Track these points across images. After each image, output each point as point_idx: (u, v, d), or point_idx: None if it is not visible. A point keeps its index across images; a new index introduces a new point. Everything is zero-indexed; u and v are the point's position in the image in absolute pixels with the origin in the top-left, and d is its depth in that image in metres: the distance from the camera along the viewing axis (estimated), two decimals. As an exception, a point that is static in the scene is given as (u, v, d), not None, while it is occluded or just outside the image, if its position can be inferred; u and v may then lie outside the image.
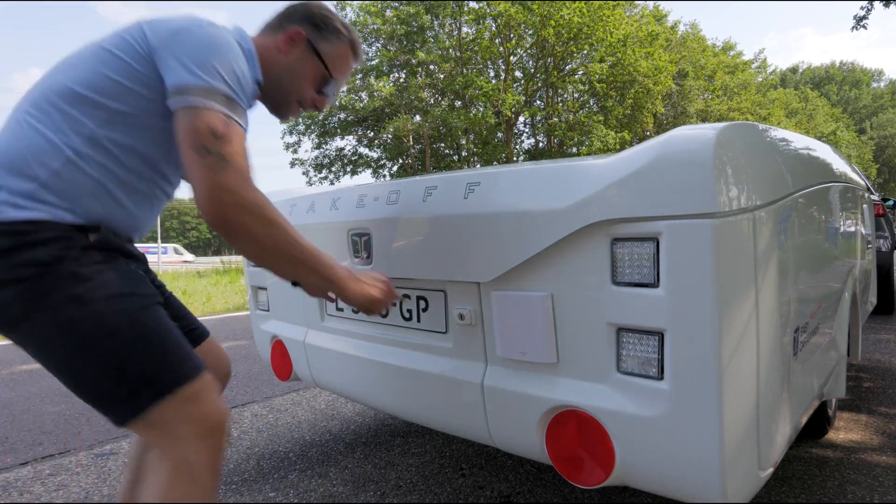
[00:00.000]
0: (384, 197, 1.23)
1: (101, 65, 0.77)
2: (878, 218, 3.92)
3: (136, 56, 0.78)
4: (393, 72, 16.69)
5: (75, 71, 0.78)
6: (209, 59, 0.76)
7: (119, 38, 0.79)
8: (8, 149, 0.74)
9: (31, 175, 0.73)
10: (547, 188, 0.94)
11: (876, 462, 1.64)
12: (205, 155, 0.71)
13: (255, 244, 0.76)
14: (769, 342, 0.89)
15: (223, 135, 0.73)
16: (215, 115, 0.74)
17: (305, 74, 0.97)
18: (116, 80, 0.77)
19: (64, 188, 0.74)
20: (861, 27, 8.21)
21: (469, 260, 1.04)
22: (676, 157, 0.80)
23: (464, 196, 1.06)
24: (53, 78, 0.80)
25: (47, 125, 0.75)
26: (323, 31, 0.97)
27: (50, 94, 0.77)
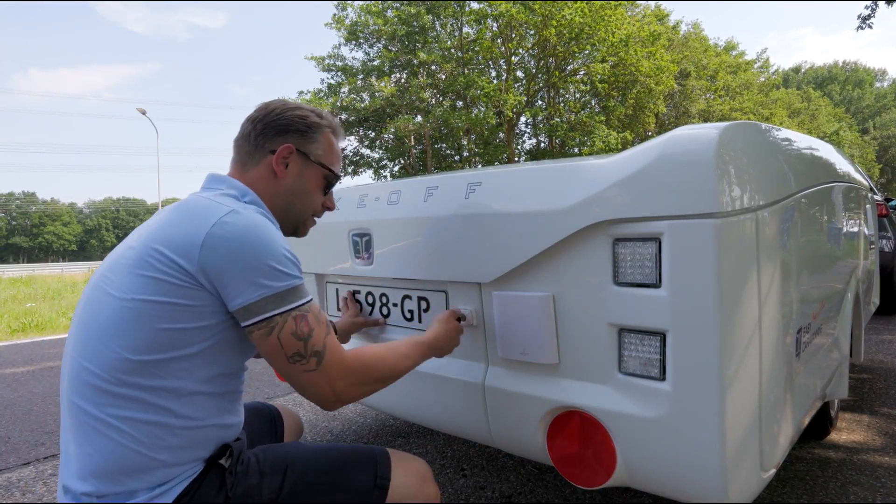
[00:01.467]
0: (385, 197, 1.23)
1: (158, 325, 0.68)
2: (881, 218, 3.91)
3: (189, 293, 0.69)
4: (394, 72, 16.69)
5: (126, 341, 0.68)
6: (268, 256, 0.72)
7: (152, 280, 0.69)
8: (118, 456, 0.66)
9: (158, 465, 0.68)
10: (548, 188, 0.94)
11: (878, 463, 1.63)
12: (299, 361, 0.72)
13: (372, 392, 0.81)
14: (772, 343, 0.88)
15: (306, 333, 0.72)
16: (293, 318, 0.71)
17: (310, 187, 0.90)
18: (185, 329, 0.69)
19: (186, 448, 0.70)
20: (866, 26, 8.19)
21: (470, 260, 1.03)
22: (678, 156, 0.79)
23: (465, 196, 1.05)
24: (94, 354, 0.69)
25: (144, 409, 0.68)
26: (307, 134, 0.88)
27: (111, 377, 0.67)
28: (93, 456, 0.67)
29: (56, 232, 60.44)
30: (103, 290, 0.72)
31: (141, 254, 0.70)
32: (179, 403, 0.69)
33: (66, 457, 0.71)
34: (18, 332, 5.13)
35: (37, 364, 3.53)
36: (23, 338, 4.80)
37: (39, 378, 3.11)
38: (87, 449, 0.68)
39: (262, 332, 0.71)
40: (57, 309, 6.71)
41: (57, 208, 62.79)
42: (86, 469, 0.67)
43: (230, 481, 0.71)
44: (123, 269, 0.71)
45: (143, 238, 0.73)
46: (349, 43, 16.20)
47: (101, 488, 0.67)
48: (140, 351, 0.68)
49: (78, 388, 0.69)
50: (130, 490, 0.67)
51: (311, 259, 1.43)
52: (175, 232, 0.71)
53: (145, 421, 0.68)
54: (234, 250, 0.70)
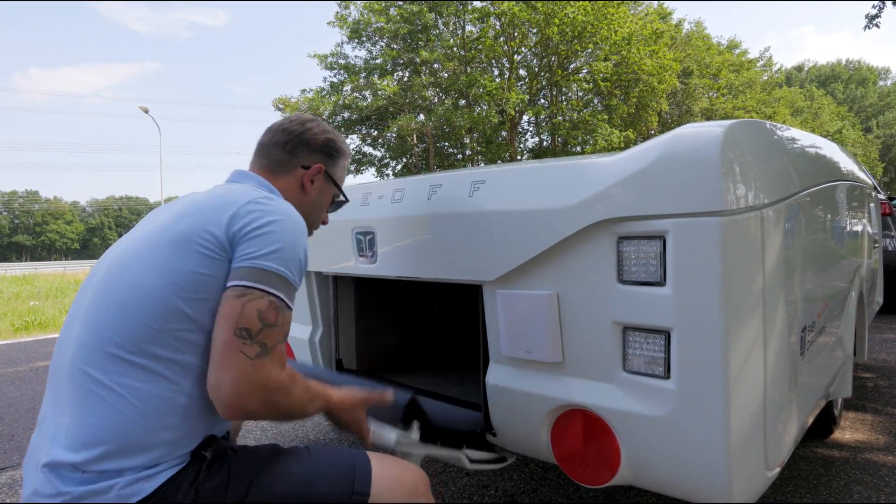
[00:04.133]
0: (388, 195, 1.23)
1: (185, 291, 0.69)
2: (885, 217, 3.90)
3: (213, 247, 0.72)
4: (396, 71, 16.68)
5: (159, 309, 0.69)
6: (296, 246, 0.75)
7: (191, 253, 0.71)
8: (120, 427, 0.66)
9: (156, 443, 0.68)
10: (552, 186, 0.94)
11: (882, 462, 1.63)
12: (246, 341, 0.68)
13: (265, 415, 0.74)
14: (776, 341, 0.88)
15: (269, 322, 0.70)
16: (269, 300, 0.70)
17: (324, 203, 0.98)
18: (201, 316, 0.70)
19: (184, 431, 0.70)
20: (874, 26, 8.15)
21: (474, 258, 1.03)
22: (683, 154, 0.79)
23: (469, 194, 1.05)
24: (111, 322, 0.69)
25: (154, 381, 0.68)
26: (334, 157, 0.97)
27: (130, 344, 0.68)
28: (93, 426, 0.66)
29: (59, 230, 60.64)
30: (127, 266, 0.73)
31: (181, 230, 0.72)
32: (188, 380, 0.70)
33: (55, 429, 0.69)
34: (22, 330, 5.15)
35: (40, 362, 3.54)
36: (26, 336, 4.82)
37: (43, 376, 3.13)
38: (88, 419, 0.67)
39: (234, 294, 0.69)
40: (60, 307, 6.73)
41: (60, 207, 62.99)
42: (80, 439, 0.66)
43: (202, 476, 0.70)
44: (154, 247, 0.72)
45: (175, 217, 0.75)
46: (352, 41, 16.20)
47: (91, 460, 0.65)
48: (164, 319, 0.69)
49: (89, 356, 0.69)
50: (119, 468, 0.66)
51: (315, 257, 1.43)
52: (212, 206, 0.75)
53: (154, 394, 0.68)
54: (263, 223, 0.73)
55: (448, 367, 1.72)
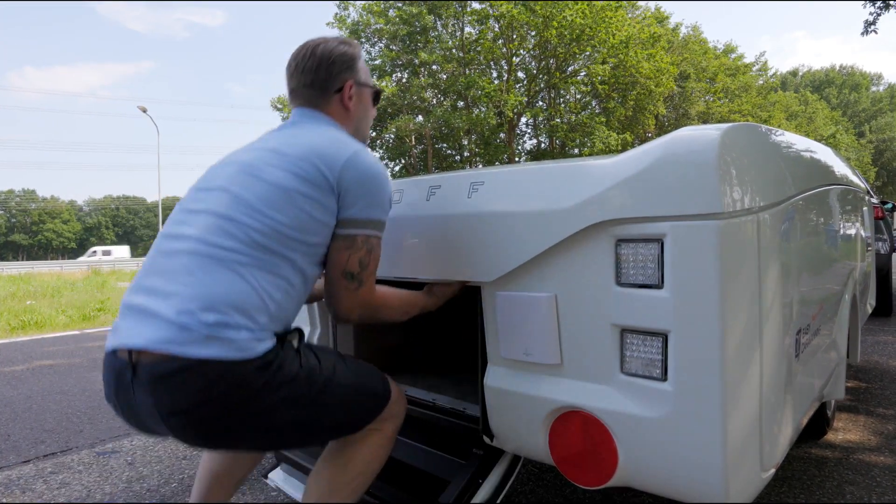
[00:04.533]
0: None
1: (301, 206, 0.86)
2: (877, 221, 3.93)
3: (326, 195, 0.89)
4: (395, 72, 16.69)
5: (277, 212, 0.85)
6: (385, 194, 0.95)
7: (301, 178, 0.87)
8: (235, 290, 0.80)
9: (264, 311, 0.82)
10: (551, 188, 0.95)
11: (874, 462, 1.65)
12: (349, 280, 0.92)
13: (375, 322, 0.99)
14: (772, 344, 0.89)
15: (365, 264, 0.92)
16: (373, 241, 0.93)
17: (368, 107, 1.11)
18: (316, 219, 0.88)
19: (283, 315, 0.87)
20: (872, 31, 8.22)
21: (472, 260, 1.04)
22: (681, 157, 0.80)
23: (467, 196, 1.06)
24: (250, 216, 0.84)
25: (266, 264, 0.84)
26: (353, 65, 1.06)
27: (255, 235, 0.83)
28: (222, 286, 0.79)
29: (56, 229, 60.21)
30: (254, 177, 0.88)
31: (297, 160, 0.89)
32: (294, 275, 0.87)
33: (170, 284, 0.80)
34: (18, 329, 5.12)
35: (36, 362, 3.53)
36: (22, 335, 4.79)
37: (39, 376, 3.11)
38: (217, 280, 0.80)
39: (343, 245, 0.91)
40: (56, 307, 6.69)
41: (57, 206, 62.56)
42: (206, 294, 0.78)
43: (301, 355, 0.88)
44: (279, 169, 0.88)
45: (292, 153, 0.90)
46: (350, 42, 16.17)
47: (212, 314, 0.77)
48: (285, 225, 0.85)
49: (224, 231, 0.83)
50: (237, 325, 0.78)
51: None
52: (324, 150, 0.91)
53: (269, 272, 0.84)
54: (364, 176, 0.92)
55: (446, 368, 1.72)
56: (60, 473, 1.73)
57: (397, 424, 1.02)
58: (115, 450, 1.93)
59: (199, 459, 1.83)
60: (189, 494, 1.57)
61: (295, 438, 0.90)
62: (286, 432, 0.86)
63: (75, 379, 3.02)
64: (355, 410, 0.93)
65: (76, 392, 2.73)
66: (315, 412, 0.87)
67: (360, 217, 0.91)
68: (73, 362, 3.49)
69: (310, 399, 0.86)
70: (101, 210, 65.93)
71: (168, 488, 1.61)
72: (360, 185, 0.91)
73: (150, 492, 1.59)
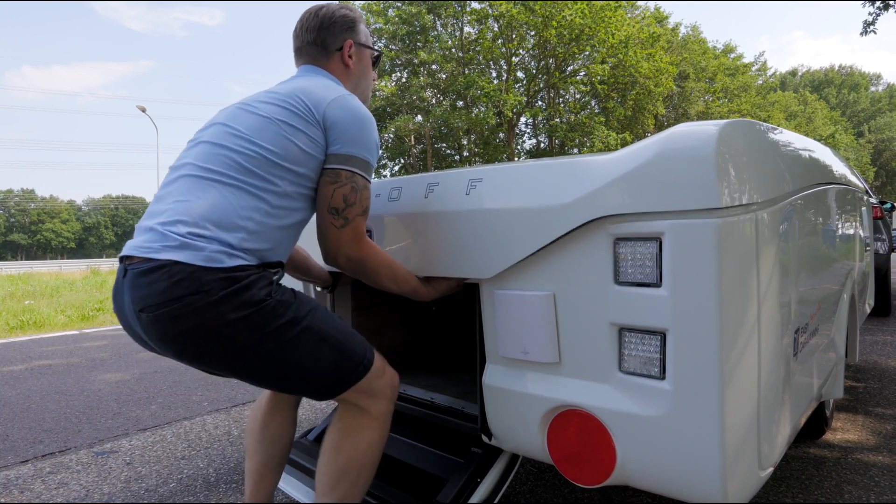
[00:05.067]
0: (385, 194, 1.23)
1: (287, 135, 0.92)
2: (876, 221, 3.94)
3: (311, 127, 0.94)
4: (395, 71, 16.68)
5: (264, 140, 0.91)
6: (370, 136, 0.99)
7: (288, 111, 0.94)
8: (215, 207, 0.87)
9: (240, 228, 0.87)
10: (549, 184, 0.94)
11: (872, 462, 1.65)
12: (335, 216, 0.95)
13: (359, 277, 1.01)
14: (770, 343, 0.89)
15: (352, 201, 0.95)
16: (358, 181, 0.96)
17: (367, 68, 1.17)
18: (302, 149, 0.93)
19: (260, 238, 0.89)
20: (871, 31, 8.24)
21: (471, 256, 1.04)
22: (678, 153, 0.80)
23: (466, 192, 1.06)
24: (238, 143, 0.91)
25: (248, 187, 0.89)
26: (355, 27, 1.13)
27: (241, 160, 0.90)
28: (204, 202, 0.86)
29: (55, 229, 60.15)
30: (247, 111, 0.95)
31: (285, 96, 0.96)
32: (277, 200, 0.92)
33: (163, 205, 0.89)
34: (17, 329, 5.12)
35: (35, 362, 3.52)
36: (21, 335, 4.78)
37: (37, 375, 3.11)
38: (200, 196, 0.87)
39: (329, 180, 0.95)
40: (55, 306, 6.69)
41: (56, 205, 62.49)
42: (189, 209, 0.86)
43: (275, 287, 0.90)
44: (268, 103, 0.95)
45: (282, 91, 0.97)
46: (349, 42, 16.17)
47: (196, 221, 0.85)
48: (271, 152, 0.91)
49: (214, 157, 0.91)
50: (209, 236, 0.84)
51: (313, 256, 1.44)
52: (311, 89, 0.98)
53: (250, 194, 0.89)
54: (350, 114, 0.97)
55: (445, 367, 1.73)
56: (59, 473, 1.73)
57: (386, 406, 0.99)
58: (113, 450, 1.93)
59: (197, 460, 1.83)
60: (188, 494, 1.56)
61: (258, 372, 0.88)
62: (247, 359, 0.86)
63: (74, 379, 3.02)
64: (325, 366, 0.91)
65: (75, 392, 2.72)
66: (278, 349, 0.87)
67: (343, 152, 0.95)
68: (71, 362, 3.49)
69: (274, 331, 0.86)
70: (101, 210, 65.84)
71: (166, 488, 1.61)
72: (345, 122, 0.95)
73: (148, 492, 1.59)
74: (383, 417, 0.99)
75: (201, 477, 1.68)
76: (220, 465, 1.78)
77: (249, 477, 1.13)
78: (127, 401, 2.54)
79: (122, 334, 4.68)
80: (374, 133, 1.00)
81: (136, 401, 2.54)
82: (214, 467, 1.76)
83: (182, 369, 3.20)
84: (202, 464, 1.79)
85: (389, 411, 1.01)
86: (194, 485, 1.63)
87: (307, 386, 0.93)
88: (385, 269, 1.01)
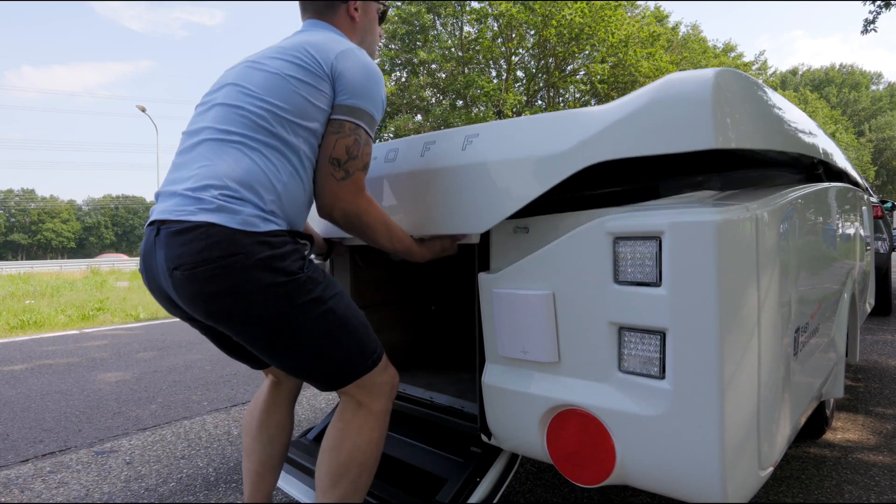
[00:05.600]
0: (382, 156, 1.23)
1: (297, 90, 0.92)
2: (877, 220, 3.94)
3: (320, 80, 0.94)
4: (394, 71, 16.68)
5: (276, 98, 0.91)
6: (377, 90, 0.98)
7: (297, 66, 0.93)
8: (244, 170, 0.87)
9: (270, 190, 0.88)
10: (546, 134, 0.95)
11: (872, 462, 1.65)
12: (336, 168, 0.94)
13: (352, 233, 1.00)
14: (771, 342, 0.89)
15: (354, 154, 0.94)
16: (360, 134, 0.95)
17: (373, 22, 1.16)
18: (311, 103, 0.93)
19: (289, 200, 0.91)
20: (871, 30, 8.24)
21: (468, 210, 1.04)
22: (675, 95, 0.82)
23: (462, 148, 1.06)
24: (252, 103, 0.91)
25: (269, 147, 0.90)
26: None
27: (258, 120, 0.90)
28: (230, 164, 0.87)
29: (55, 229, 60.16)
30: (256, 69, 0.95)
31: (292, 50, 0.95)
32: (298, 158, 0.92)
33: (187, 171, 0.89)
34: (17, 329, 5.12)
35: (35, 361, 3.53)
36: (21, 335, 4.79)
37: (38, 375, 3.11)
38: (225, 160, 0.87)
39: (332, 130, 0.95)
40: (55, 306, 6.69)
41: (56, 205, 62.51)
42: (216, 172, 0.86)
43: (307, 263, 0.91)
44: (276, 58, 0.95)
45: (289, 45, 0.97)
46: (349, 41, 16.17)
47: (227, 184, 0.85)
48: (284, 110, 0.91)
49: (230, 119, 0.91)
50: (243, 198, 0.86)
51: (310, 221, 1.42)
52: (318, 42, 0.97)
53: (275, 152, 0.90)
54: (357, 66, 0.96)
55: (445, 366, 1.72)
56: (59, 473, 1.73)
57: (386, 404, 0.99)
58: (113, 449, 1.93)
59: (197, 460, 1.83)
60: (188, 494, 1.57)
61: (276, 345, 0.88)
62: (270, 328, 0.86)
63: (74, 378, 3.02)
64: (339, 352, 0.91)
65: (75, 391, 2.73)
66: (302, 324, 0.88)
67: (349, 104, 0.95)
68: (71, 362, 3.49)
69: (301, 305, 0.87)
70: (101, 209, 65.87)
71: (166, 488, 1.61)
72: (353, 73, 0.95)
73: (148, 491, 1.59)
74: (383, 415, 0.99)
75: (201, 476, 1.68)
76: (219, 464, 1.78)
77: (248, 477, 1.13)
78: (127, 400, 2.54)
79: (122, 334, 4.68)
80: (381, 88, 0.99)
81: (136, 400, 2.54)
82: (214, 467, 1.76)
83: (182, 369, 3.20)
84: (202, 463, 1.79)
85: (389, 409, 1.00)
86: (194, 484, 1.63)
87: (317, 369, 0.92)
88: (380, 225, 1.00)
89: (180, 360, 3.47)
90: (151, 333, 4.67)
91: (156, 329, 4.93)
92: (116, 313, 6.15)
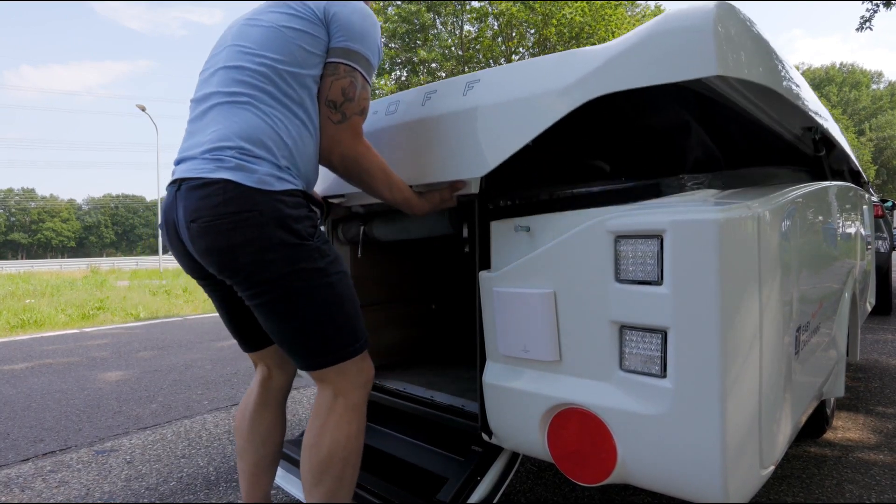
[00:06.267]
0: (383, 110, 1.23)
1: (292, 39, 0.93)
2: (877, 219, 3.94)
3: (314, 26, 0.94)
4: (395, 70, 16.66)
5: (274, 52, 0.92)
6: (373, 34, 0.98)
7: (290, 15, 0.94)
8: (256, 128, 0.89)
9: (282, 146, 0.90)
10: (547, 73, 0.96)
11: (873, 461, 1.65)
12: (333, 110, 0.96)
13: (349, 180, 1.02)
14: (772, 341, 0.89)
15: (350, 96, 0.95)
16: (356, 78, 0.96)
17: None
18: (306, 50, 0.93)
19: (300, 155, 0.93)
20: (867, 27, 8.24)
21: (468, 155, 1.03)
22: (676, 25, 0.83)
23: (463, 94, 1.06)
24: (252, 61, 0.92)
25: (274, 102, 0.91)
26: None
27: (261, 77, 0.91)
28: (241, 125, 0.89)
29: (55, 228, 60.18)
30: (252, 25, 0.96)
31: (286, 1, 0.96)
32: (302, 111, 0.94)
33: (202, 136, 0.92)
34: (17, 328, 5.12)
35: (35, 360, 3.53)
36: (21, 334, 4.79)
37: (38, 374, 3.11)
38: (236, 121, 0.90)
39: (328, 72, 0.96)
40: (56, 305, 6.69)
41: (56, 205, 62.52)
42: (229, 133, 0.89)
43: (318, 232, 0.93)
44: (271, 12, 0.96)
45: None
46: (349, 40, 16.16)
47: (241, 145, 0.88)
48: (283, 62, 0.92)
49: (234, 80, 0.92)
50: (259, 156, 0.88)
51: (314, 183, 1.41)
52: None
53: (281, 107, 0.91)
54: (351, 9, 0.96)
55: (445, 365, 1.72)
56: (59, 472, 1.73)
57: (362, 397, 0.99)
58: (113, 448, 1.93)
59: (197, 459, 1.83)
60: (188, 493, 1.57)
61: (274, 307, 0.89)
62: (273, 288, 0.88)
63: (74, 378, 3.02)
64: (327, 327, 0.92)
65: (75, 391, 2.73)
66: (297, 288, 0.89)
67: (344, 46, 0.95)
68: (72, 361, 3.49)
69: (304, 271, 0.89)
70: (101, 209, 65.88)
71: (167, 487, 1.61)
72: (347, 15, 0.95)
73: (148, 490, 1.59)
74: (359, 408, 0.99)
75: (201, 475, 1.68)
76: (220, 463, 1.78)
77: (243, 477, 1.12)
78: (127, 399, 2.54)
79: (123, 333, 4.69)
80: (376, 32, 0.99)
81: (137, 399, 2.54)
82: (214, 466, 1.76)
83: (182, 368, 3.20)
84: (202, 462, 1.79)
85: (365, 403, 1.01)
86: (194, 483, 1.63)
87: (305, 342, 0.93)
88: (379, 172, 1.00)
89: (180, 359, 3.48)
90: (151, 333, 4.67)
91: (156, 328, 4.93)
92: (117, 312, 6.15)
